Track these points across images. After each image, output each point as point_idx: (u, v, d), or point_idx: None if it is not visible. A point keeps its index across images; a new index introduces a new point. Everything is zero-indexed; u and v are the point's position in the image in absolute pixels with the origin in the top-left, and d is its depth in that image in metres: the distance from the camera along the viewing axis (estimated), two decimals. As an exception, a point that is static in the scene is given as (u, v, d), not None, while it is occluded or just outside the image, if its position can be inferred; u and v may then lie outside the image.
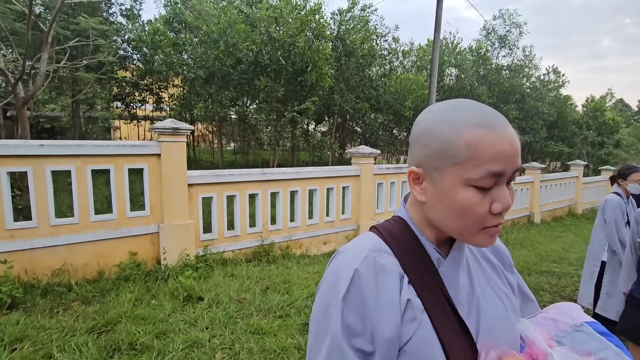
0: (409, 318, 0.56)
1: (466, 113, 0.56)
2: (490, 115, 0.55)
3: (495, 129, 0.54)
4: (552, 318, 0.66)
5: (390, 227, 0.65)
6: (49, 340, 2.44)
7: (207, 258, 4.15)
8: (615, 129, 18.79)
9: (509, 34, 16.76)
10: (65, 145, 3.47)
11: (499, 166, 0.53)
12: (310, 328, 0.61)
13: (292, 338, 2.67)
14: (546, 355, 0.56)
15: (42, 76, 5.56)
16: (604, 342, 0.60)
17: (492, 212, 0.55)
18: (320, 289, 0.61)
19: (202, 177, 4.22)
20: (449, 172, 0.55)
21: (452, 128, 0.55)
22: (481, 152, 0.53)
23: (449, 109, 0.58)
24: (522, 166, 0.54)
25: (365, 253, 0.59)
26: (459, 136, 0.54)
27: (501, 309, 0.64)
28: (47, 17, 8.48)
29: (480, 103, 0.58)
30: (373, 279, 0.57)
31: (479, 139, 0.53)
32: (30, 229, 3.30)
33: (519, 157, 0.55)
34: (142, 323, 2.75)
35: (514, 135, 0.55)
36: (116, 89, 11.87)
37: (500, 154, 0.53)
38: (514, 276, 0.75)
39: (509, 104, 15.14)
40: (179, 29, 12.21)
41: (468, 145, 0.53)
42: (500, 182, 0.55)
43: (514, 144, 0.54)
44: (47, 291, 3.19)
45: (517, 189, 7.91)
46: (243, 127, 12.61)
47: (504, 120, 0.56)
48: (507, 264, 0.75)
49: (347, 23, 11.45)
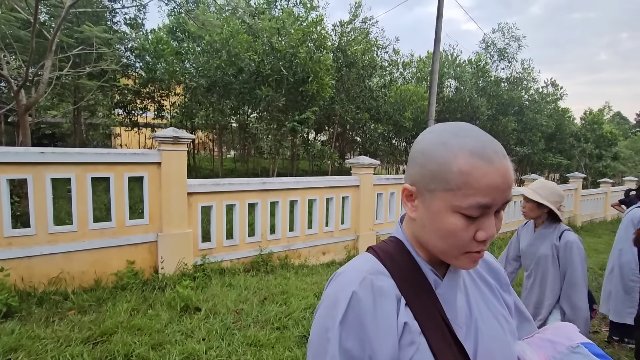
0: (407, 342, 0.56)
1: (464, 139, 0.56)
2: (487, 145, 0.55)
3: (491, 161, 0.54)
4: (549, 339, 0.66)
5: (387, 247, 0.66)
6: (43, 350, 2.41)
7: (205, 267, 4.13)
8: (613, 141, 18.92)
9: (508, 47, 16.99)
10: (66, 152, 3.48)
11: (489, 199, 0.54)
12: (309, 352, 0.60)
13: (289, 351, 2.64)
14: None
15: (45, 83, 5.60)
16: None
17: (476, 239, 0.56)
18: (318, 312, 0.61)
19: (202, 186, 4.22)
20: (440, 197, 0.56)
21: (448, 152, 0.56)
22: (473, 182, 0.53)
23: (448, 132, 0.58)
24: (511, 198, 0.55)
25: (363, 275, 0.59)
26: (454, 162, 0.55)
27: (499, 331, 0.64)
28: (51, 25, 8.58)
29: (480, 130, 0.59)
30: (371, 302, 0.57)
31: (472, 169, 0.54)
32: (28, 236, 3.28)
33: (510, 190, 0.56)
34: (139, 334, 2.72)
35: (508, 169, 0.55)
36: (118, 96, 11.97)
37: (491, 187, 0.53)
38: (510, 296, 0.75)
39: (508, 116, 15.26)
40: (182, 38, 12.36)
41: (461, 173, 0.54)
42: (489, 213, 0.56)
43: (506, 178, 0.55)
44: (43, 300, 3.16)
45: (517, 200, 7.92)
46: (243, 135, 12.66)
47: (501, 151, 0.56)
48: (504, 284, 0.75)
49: (348, 34, 11.62)
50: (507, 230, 7.78)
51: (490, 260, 0.76)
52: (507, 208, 7.52)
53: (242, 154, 15.13)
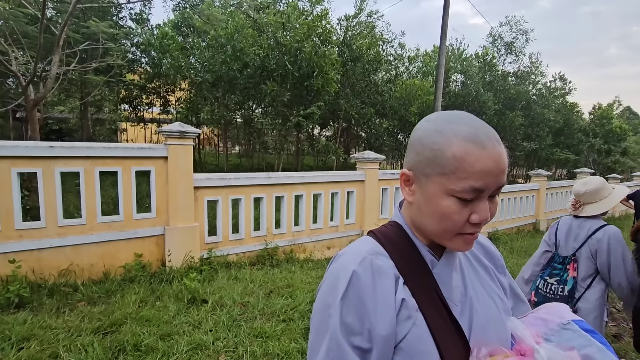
0: (404, 317, 0.59)
1: (458, 126, 0.58)
2: (480, 131, 0.57)
3: (484, 146, 0.56)
4: (542, 318, 0.69)
5: (387, 231, 0.69)
6: (55, 339, 2.46)
7: (211, 261, 4.17)
8: (623, 136, 18.65)
9: (516, 40, 16.75)
10: (75, 147, 3.52)
11: (482, 183, 0.56)
12: (311, 327, 0.63)
13: (295, 342, 2.67)
14: (533, 351, 0.59)
15: (52, 79, 5.66)
16: (589, 339, 0.63)
17: (470, 222, 0.58)
18: (320, 290, 0.64)
19: (208, 180, 4.25)
20: (435, 180, 0.59)
21: (442, 139, 0.58)
22: (466, 166, 0.55)
23: (443, 119, 0.61)
24: (506, 183, 0.57)
25: (363, 256, 0.62)
26: (448, 148, 0.57)
27: (493, 309, 0.67)
28: (58, 21, 8.63)
29: (475, 117, 0.60)
30: (370, 280, 0.59)
31: (466, 154, 0.56)
32: (38, 229, 3.34)
33: (503, 175, 0.57)
34: (147, 324, 2.77)
35: (502, 154, 0.57)
36: (124, 91, 12.04)
37: (484, 170, 0.55)
38: (505, 278, 0.78)
39: (515, 111, 15.09)
40: (187, 34, 12.37)
41: (455, 158, 0.56)
42: (482, 196, 0.58)
43: (499, 163, 0.56)
44: (53, 291, 3.22)
45: (523, 196, 7.87)
46: (248, 130, 12.69)
47: (495, 137, 0.58)
48: (499, 266, 0.78)
49: (353, 29, 11.54)
50: (512, 226, 7.73)
51: (486, 244, 0.79)
52: (509, 206, 7.48)
53: (247, 149, 15.18)
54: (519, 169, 20.16)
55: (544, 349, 0.59)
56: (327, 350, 0.57)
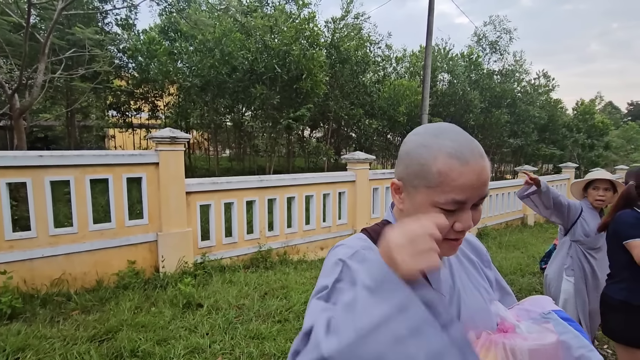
0: None
1: (443, 141, 0.63)
2: (464, 146, 0.62)
3: (467, 162, 0.60)
4: (526, 309, 0.75)
5: (379, 228, 0.75)
6: (51, 349, 2.46)
7: (205, 265, 4.19)
8: (605, 131, 19.13)
9: (500, 39, 17.03)
10: (64, 155, 3.51)
11: (463, 196, 0.61)
12: (308, 309, 0.67)
13: (291, 342, 2.71)
14: (514, 327, 0.66)
15: (38, 87, 5.59)
16: (565, 326, 0.69)
17: (454, 229, 0.63)
18: (318, 279, 0.70)
19: (200, 185, 4.27)
20: (422, 192, 0.64)
21: (428, 154, 0.63)
22: (449, 181, 0.60)
23: (429, 134, 0.66)
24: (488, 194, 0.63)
25: (356, 249, 0.68)
26: (433, 164, 0.62)
27: (480, 300, 0.73)
28: (42, 28, 8.52)
29: (460, 131, 0.65)
30: (360, 269, 0.64)
31: (449, 169, 0.61)
32: (29, 239, 3.32)
33: (485, 187, 0.62)
34: (143, 330, 2.78)
35: (484, 168, 0.62)
36: (111, 97, 11.90)
37: (466, 185, 0.60)
38: (491, 271, 0.85)
39: (501, 109, 15.36)
40: (175, 38, 12.29)
41: (439, 173, 0.61)
42: (465, 207, 0.63)
43: (481, 177, 0.61)
44: (46, 301, 3.21)
45: (511, 192, 8.04)
46: (239, 134, 12.68)
47: (478, 152, 0.63)
48: (485, 261, 0.85)
49: (341, 31, 11.62)
50: (501, 221, 7.90)
51: (472, 241, 0.86)
52: (497, 202, 7.65)
53: (238, 153, 15.15)
54: (507, 165, 20.52)
55: (523, 325, 0.66)
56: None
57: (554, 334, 0.64)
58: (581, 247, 2.44)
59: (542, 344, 0.62)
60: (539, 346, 0.61)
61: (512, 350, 0.60)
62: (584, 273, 2.41)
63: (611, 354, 2.89)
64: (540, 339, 0.63)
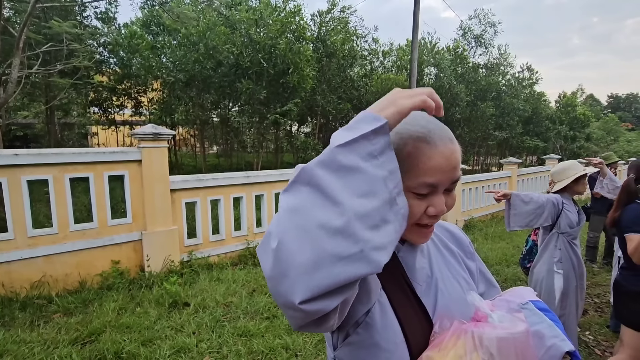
0: None
1: (413, 127, 0.62)
2: (433, 131, 0.62)
3: (435, 145, 0.60)
4: (506, 299, 0.76)
5: None
6: (30, 353, 2.39)
7: (192, 263, 4.13)
8: (586, 123, 19.61)
9: (485, 33, 17.21)
10: (41, 154, 3.39)
11: (434, 179, 0.60)
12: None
13: (279, 338, 2.70)
14: (487, 317, 0.66)
15: (13, 83, 5.38)
16: (541, 316, 0.70)
17: (427, 214, 0.63)
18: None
19: (184, 182, 4.19)
20: None
21: (399, 140, 0.62)
22: (419, 164, 0.60)
23: (402, 122, 0.64)
24: (460, 177, 0.63)
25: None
26: (404, 148, 0.61)
27: (458, 290, 0.73)
28: (16, 21, 8.18)
29: (431, 118, 0.64)
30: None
31: (419, 153, 0.60)
32: (6, 241, 3.21)
33: (456, 171, 0.62)
34: (128, 331, 2.72)
35: (453, 151, 0.62)
36: (93, 94, 11.58)
37: (435, 168, 0.60)
38: (474, 263, 0.84)
39: (486, 102, 15.55)
40: (157, 32, 12.02)
41: (409, 157, 0.61)
42: (437, 191, 0.62)
43: (450, 160, 0.61)
44: (26, 304, 3.11)
45: (496, 183, 8.17)
46: (225, 130, 12.50)
47: (447, 136, 0.62)
48: (468, 252, 0.84)
49: (327, 24, 11.53)
50: (486, 213, 8.03)
51: (454, 231, 0.86)
52: (483, 194, 7.76)
53: (225, 149, 14.95)
54: (492, 157, 20.85)
55: (496, 314, 0.67)
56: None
57: (524, 323, 0.65)
58: (567, 238, 2.49)
59: (511, 332, 0.62)
60: (508, 335, 0.62)
61: (480, 338, 0.61)
62: (572, 263, 2.46)
63: (592, 340, 2.97)
64: (509, 327, 0.63)
